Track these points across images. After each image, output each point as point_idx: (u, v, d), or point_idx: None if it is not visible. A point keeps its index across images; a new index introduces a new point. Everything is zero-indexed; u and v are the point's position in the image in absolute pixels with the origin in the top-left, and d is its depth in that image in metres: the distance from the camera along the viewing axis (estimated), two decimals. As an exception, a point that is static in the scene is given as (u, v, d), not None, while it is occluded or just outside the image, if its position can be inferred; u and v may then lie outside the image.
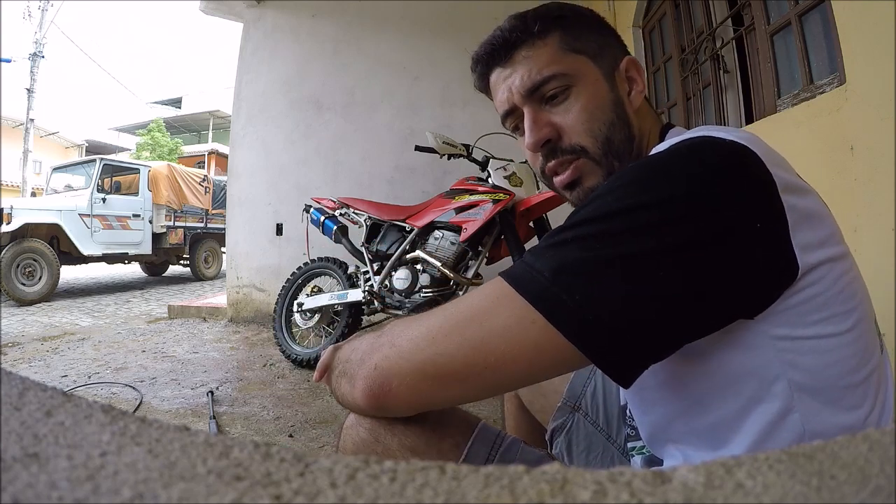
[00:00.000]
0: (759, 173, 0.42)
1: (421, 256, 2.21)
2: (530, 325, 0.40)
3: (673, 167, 0.42)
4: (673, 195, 0.40)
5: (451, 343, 0.42)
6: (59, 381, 2.29)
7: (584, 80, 0.56)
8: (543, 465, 0.49)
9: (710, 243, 0.39)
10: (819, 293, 0.42)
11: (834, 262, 0.43)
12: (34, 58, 13.30)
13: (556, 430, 0.75)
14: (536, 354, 0.40)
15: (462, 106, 3.56)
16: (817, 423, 0.43)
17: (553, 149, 0.57)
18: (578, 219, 0.42)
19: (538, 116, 0.57)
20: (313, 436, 1.68)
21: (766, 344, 0.42)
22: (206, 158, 10.08)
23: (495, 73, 0.59)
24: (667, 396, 0.50)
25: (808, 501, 0.14)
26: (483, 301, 0.43)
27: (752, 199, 0.40)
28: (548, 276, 0.40)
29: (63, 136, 18.67)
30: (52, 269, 4.98)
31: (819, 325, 0.42)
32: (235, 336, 3.25)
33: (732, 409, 0.45)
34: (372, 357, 0.46)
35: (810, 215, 0.43)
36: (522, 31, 0.56)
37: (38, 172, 14.70)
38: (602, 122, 0.56)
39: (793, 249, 0.41)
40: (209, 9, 4.00)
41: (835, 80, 1.56)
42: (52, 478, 0.15)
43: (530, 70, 0.56)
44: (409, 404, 0.46)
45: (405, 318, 0.49)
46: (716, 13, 2.38)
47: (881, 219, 1.35)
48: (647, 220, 0.39)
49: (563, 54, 0.56)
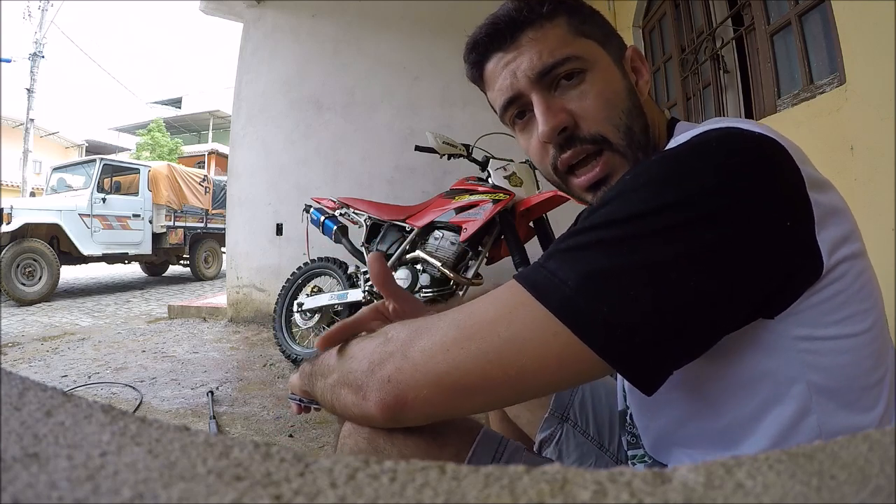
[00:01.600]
0: (788, 169, 0.40)
1: (421, 256, 2.21)
2: (552, 338, 0.37)
3: (699, 163, 0.39)
4: (701, 193, 0.37)
5: (468, 355, 0.39)
6: (59, 381, 2.29)
7: (598, 65, 0.52)
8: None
9: (742, 244, 0.37)
10: (840, 291, 0.41)
11: (854, 259, 0.42)
12: (34, 58, 13.31)
13: (545, 442, 0.73)
14: (559, 367, 0.38)
15: (462, 106, 3.57)
16: (833, 425, 0.41)
17: (570, 137, 0.52)
18: (600, 220, 0.39)
19: (551, 102, 0.52)
20: (313, 436, 1.68)
21: (787, 345, 0.41)
22: (206, 158, 10.09)
23: (494, 59, 0.55)
24: (679, 398, 0.48)
25: (808, 501, 0.14)
26: (500, 308, 0.40)
27: (783, 197, 0.39)
28: (572, 285, 0.37)
29: (63, 136, 18.67)
30: (52, 269, 4.98)
31: (839, 325, 0.41)
32: (235, 336, 3.25)
33: (747, 411, 0.43)
34: (384, 368, 0.43)
35: (834, 212, 0.41)
36: (529, 11, 0.52)
37: (38, 172, 14.70)
38: (621, 109, 0.52)
39: (818, 247, 0.39)
40: (209, 9, 4.00)
41: (835, 80, 1.56)
42: (52, 478, 0.15)
43: (541, 52, 0.51)
44: (425, 416, 0.44)
45: (410, 323, 0.46)
46: (716, 13, 2.38)
47: (881, 219, 1.35)
48: (675, 221, 0.37)
49: (573, 37, 0.52)
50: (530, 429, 0.77)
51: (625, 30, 3.18)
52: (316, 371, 0.53)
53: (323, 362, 0.52)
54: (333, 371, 0.49)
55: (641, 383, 0.38)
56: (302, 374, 0.57)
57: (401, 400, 0.42)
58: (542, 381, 0.39)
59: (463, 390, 0.40)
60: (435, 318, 0.44)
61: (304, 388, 0.56)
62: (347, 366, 0.47)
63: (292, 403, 0.60)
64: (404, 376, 0.42)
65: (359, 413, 0.46)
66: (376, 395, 0.43)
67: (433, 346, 0.41)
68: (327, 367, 0.50)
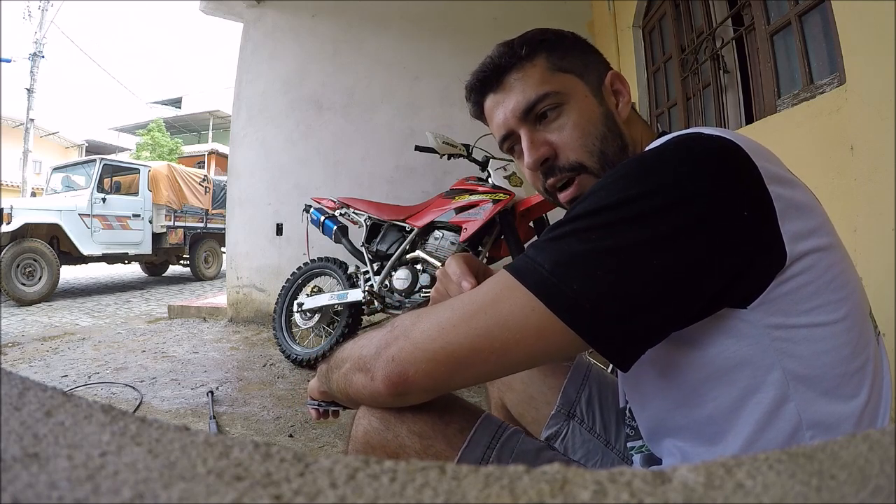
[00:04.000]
0: (743, 164, 0.44)
1: (421, 256, 2.21)
2: (531, 313, 0.42)
3: (660, 160, 0.44)
4: (661, 186, 0.42)
5: (460, 333, 0.45)
6: (59, 381, 2.29)
7: (574, 97, 0.59)
8: (544, 456, 0.50)
9: (698, 230, 0.41)
10: (809, 281, 0.43)
11: (823, 251, 0.44)
12: (34, 58, 13.30)
13: (551, 438, 0.75)
14: (538, 340, 0.43)
15: (462, 106, 3.51)
16: (814, 413, 0.44)
17: (551, 167, 0.60)
18: (574, 214, 0.44)
19: (534, 136, 0.59)
20: (313, 436, 1.68)
21: (761, 333, 0.44)
22: (206, 158, 10.11)
23: (489, 99, 0.62)
24: (664, 387, 0.51)
25: (808, 501, 0.14)
26: (489, 293, 0.45)
27: (737, 188, 0.42)
28: (547, 267, 0.43)
29: (63, 136, 18.67)
30: (52, 269, 4.98)
31: (811, 314, 0.44)
32: (235, 336, 3.25)
33: (728, 400, 0.46)
34: (388, 349, 0.48)
35: (798, 206, 0.44)
36: (510, 56, 0.59)
37: (38, 172, 14.71)
38: (595, 136, 0.58)
39: (781, 237, 0.42)
40: (209, 9, 4.00)
41: (835, 80, 1.56)
42: (52, 478, 0.15)
43: (524, 91, 0.59)
44: (425, 389, 0.49)
45: (414, 311, 0.51)
46: (716, 13, 2.38)
47: (881, 219, 1.35)
48: (638, 210, 0.41)
49: (552, 74, 0.59)
50: (535, 427, 0.78)
51: (625, 30, 3.18)
52: (332, 366, 0.58)
53: (338, 356, 0.57)
54: (347, 360, 0.54)
55: (612, 357, 0.42)
56: (319, 375, 0.62)
57: (403, 375, 0.47)
58: (524, 352, 0.44)
59: (456, 363, 0.45)
60: (438, 305, 0.49)
61: (322, 387, 0.61)
62: (358, 352, 0.52)
63: (310, 409, 0.66)
64: (405, 354, 0.47)
65: (368, 393, 0.50)
66: (382, 372, 0.48)
67: (431, 327, 0.47)
68: (341, 358, 0.55)
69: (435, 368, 0.46)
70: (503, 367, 0.46)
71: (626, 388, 0.62)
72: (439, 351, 0.45)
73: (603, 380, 0.79)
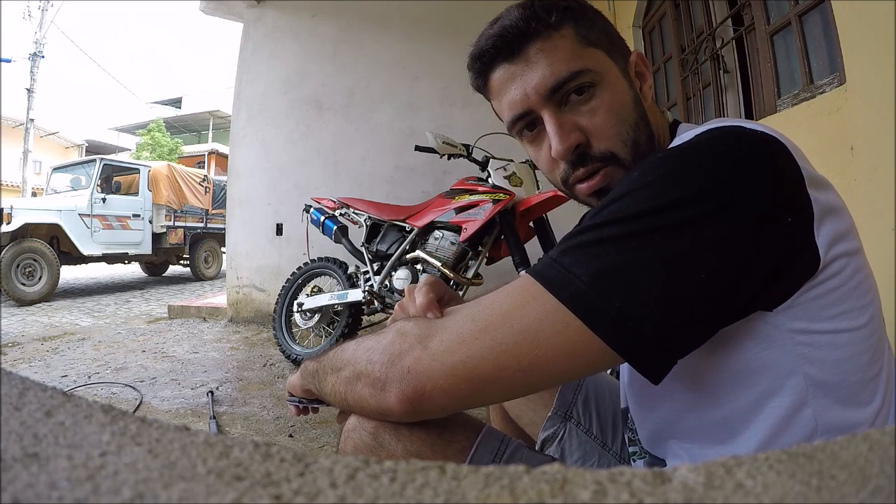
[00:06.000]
0: (789, 167, 0.41)
1: (421, 256, 2.20)
2: (564, 329, 0.39)
3: (702, 160, 0.40)
4: (705, 189, 0.38)
5: (483, 346, 0.41)
6: (59, 381, 2.29)
7: (607, 78, 0.51)
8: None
9: (745, 237, 0.38)
10: (837, 287, 0.42)
11: (851, 256, 0.43)
12: (34, 58, 13.30)
13: (548, 440, 0.73)
14: (570, 357, 0.39)
15: (462, 106, 3.56)
16: (830, 419, 0.42)
17: (582, 155, 0.52)
18: (610, 217, 0.40)
19: (563, 120, 0.51)
20: (313, 436, 1.68)
21: (784, 337, 0.42)
22: (206, 158, 10.10)
23: (500, 69, 0.53)
24: (678, 389, 0.49)
25: (808, 501, 0.14)
26: (514, 302, 0.41)
27: (782, 193, 0.40)
28: (585, 280, 0.39)
29: (63, 136, 18.67)
30: (52, 269, 4.98)
31: (836, 320, 0.42)
32: (235, 336, 3.25)
33: (745, 403, 0.44)
34: (403, 360, 0.44)
35: (832, 209, 0.43)
36: (538, 21, 0.50)
37: (38, 172, 14.70)
38: (628, 123, 0.52)
39: (815, 242, 0.41)
40: (209, 9, 4.00)
41: (835, 80, 1.56)
42: (52, 478, 0.15)
43: (552, 66, 0.50)
44: (443, 408, 0.44)
45: (420, 319, 0.47)
46: (716, 13, 2.38)
47: (881, 219, 1.35)
48: (680, 217, 0.38)
49: (582, 48, 0.50)
50: (532, 429, 0.77)
51: (625, 30, 3.18)
52: (325, 367, 0.52)
53: (335, 357, 0.52)
54: (348, 365, 0.49)
55: (649, 372, 0.39)
56: (304, 373, 0.57)
57: (419, 391, 0.43)
58: (554, 370, 0.40)
59: (478, 380, 0.41)
60: (453, 309, 0.45)
61: (307, 386, 0.56)
62: (365, 358, 0.47)
63: (290, 405, 0.60)
64: (423, 367, 0.43)
65: (375, 405, 0.46)
66: (398, 386, 0.43)
67: (450, 339, 0.42)
68: (340, 360, 0.50)
69: (454, 385, 0.42)
70: (528, 386, 0.42)
71: (632, 390, 0.59)
72: (459, 365, 0.41)
73: (599, 381, 0.78)
